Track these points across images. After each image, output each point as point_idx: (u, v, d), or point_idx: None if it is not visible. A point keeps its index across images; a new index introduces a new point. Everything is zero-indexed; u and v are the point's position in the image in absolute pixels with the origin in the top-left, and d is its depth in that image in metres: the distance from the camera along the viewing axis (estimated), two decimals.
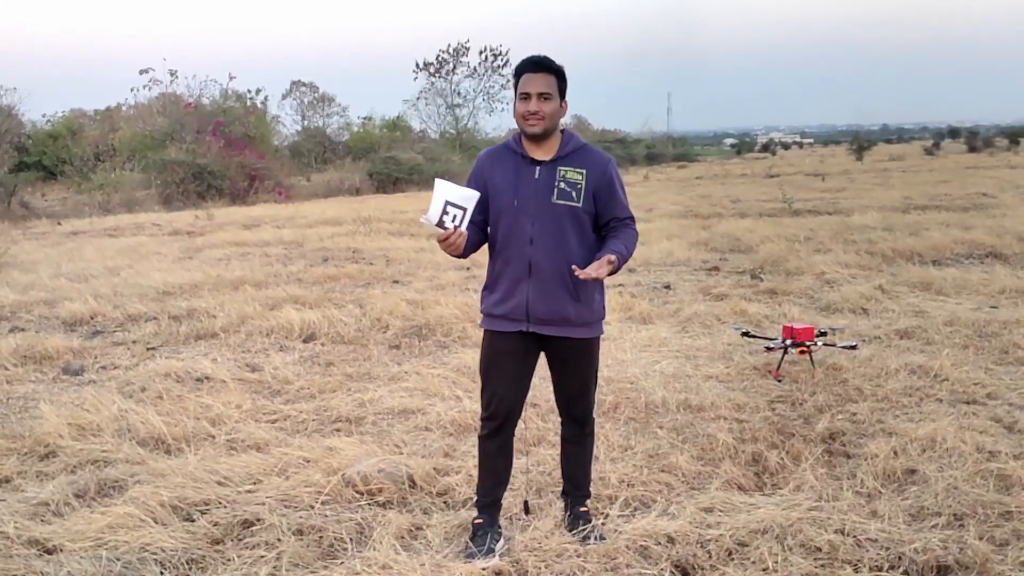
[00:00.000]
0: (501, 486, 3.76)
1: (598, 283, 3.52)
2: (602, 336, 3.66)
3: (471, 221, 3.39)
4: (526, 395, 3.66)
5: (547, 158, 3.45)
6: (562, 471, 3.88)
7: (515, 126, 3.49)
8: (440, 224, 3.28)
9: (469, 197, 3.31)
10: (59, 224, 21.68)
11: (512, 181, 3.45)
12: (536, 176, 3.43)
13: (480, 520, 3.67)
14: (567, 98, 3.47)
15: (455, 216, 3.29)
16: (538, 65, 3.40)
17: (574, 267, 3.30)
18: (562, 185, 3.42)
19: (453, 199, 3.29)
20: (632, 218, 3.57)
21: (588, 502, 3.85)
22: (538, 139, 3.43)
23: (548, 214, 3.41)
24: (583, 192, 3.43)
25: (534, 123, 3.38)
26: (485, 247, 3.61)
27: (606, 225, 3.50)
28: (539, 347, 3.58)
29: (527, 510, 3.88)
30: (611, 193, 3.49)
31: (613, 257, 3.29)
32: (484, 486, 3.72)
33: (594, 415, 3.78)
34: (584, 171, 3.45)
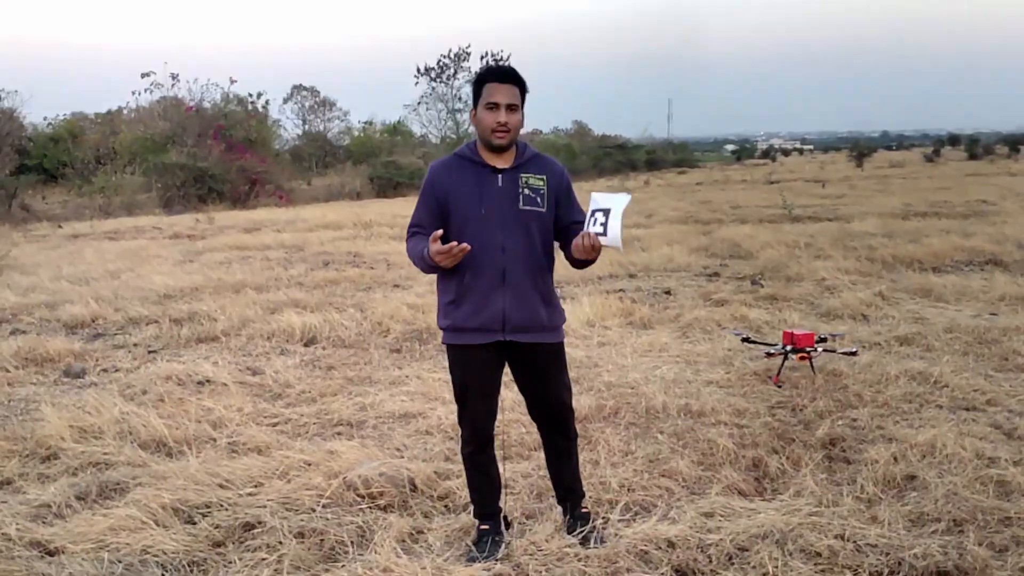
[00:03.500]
0: (498, 493, 3.76)
1: (554, 288, 3.59)
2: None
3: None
4: (498, 405, 3.66)
5: (507, 166, 3.45)
6: (553, 481, 3.85)
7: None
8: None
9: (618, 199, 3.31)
10: (60, 227, 21.72)
11: (475, 190, 3.43)
12: (499, 184, 3.43)
13: (486, 527, 3.68)
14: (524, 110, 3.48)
15: (596, 221, 3.29)
16: (505, 76, 3.39)
17: (590, 234, 3.27)
18: (526, 191, 3.43)
19: (602, 206, 3.30)
20: None
21: (586, 501, 3.85)
22: (500, 149, 3.43)
23: (516, 221, 3.42)
24: (546, 198, 3.46)
25: (502, 135, 3.37)
26: None
27: (567, 228, 3.51)
28: (506, 357, 3.57)
29: (507, 525, 3.84)
30: (569, 198, 3.55)
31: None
32: (482, 497, 3.72)
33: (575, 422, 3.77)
34: (545, 177, 3.47)
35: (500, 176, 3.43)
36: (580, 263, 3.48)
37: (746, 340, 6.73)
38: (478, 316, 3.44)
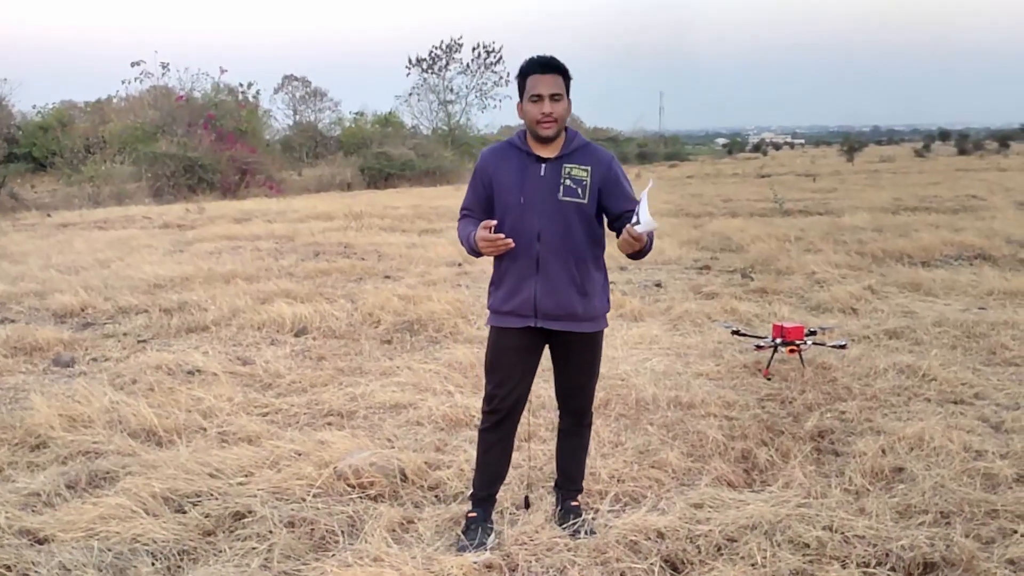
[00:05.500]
0: (498, 481, 3.78)
1: (602, 278, 3.59)
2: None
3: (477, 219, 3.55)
4: (529, 391, 3.69)
5: (552, 156, 3.48)
6: (556, 463, 3.91)
7: (509, 123, 3.53)
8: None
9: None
10: (49, 216, 21.62)
11: (517, 178, 3.47)
12: (542, 173, 3.46)
13: (474, 514, 3.69)
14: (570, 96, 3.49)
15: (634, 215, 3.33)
16: (546, 66, 3.40)
17: (627, 228, 3.27)
18: (568, 182, 3.45)
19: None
20: None
21: (580, 497, 3.88)
22: (548, 140, 3.45)
23: (554, 211, 3.44)
24: (588, 189, 3.46)
25: (548, 125, 3.39)
26: None
27: (619, 218, 3.51)
28: (544, 342, 3.61)
29: (527, 504, 3.90)
30: (618, 188, 3.53)
31: (646, 240, 3.33)
32: (481, 480, 3.74)
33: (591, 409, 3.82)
34: (589, 168, 3.48)
35: (543, 166, 3.46)
36: (633, 255, 3.47)
37: (736, 333, 6.75)
38: (511, 301, 3.50)
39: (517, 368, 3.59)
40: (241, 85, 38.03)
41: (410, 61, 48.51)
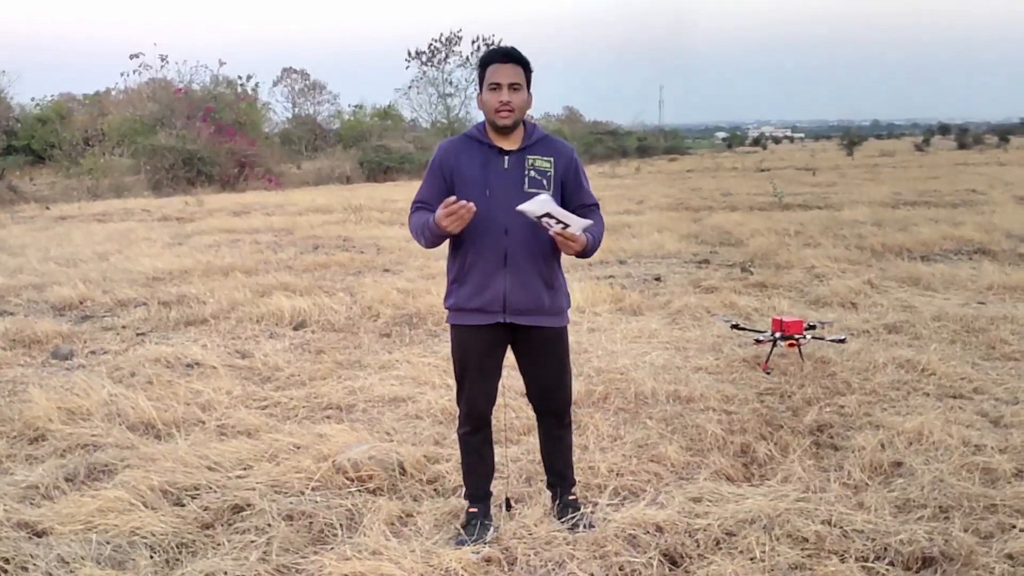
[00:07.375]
0: (490, 476, 3.77)
1: (562, 273, 3.57)
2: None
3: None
4: (498, 387, 3.67)
5: (514, 147, 3.45)
6: (545, 466, 3.87)
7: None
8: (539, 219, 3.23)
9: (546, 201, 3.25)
10: (47, 208, 21.62)
11: (481, 171, 3.42)
12: (505, 166, 3.42)
13: (475, 509, 3.68)
14: (531, 90, 3.46)
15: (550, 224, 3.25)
16: (507, 56, 3.39)
17: (554, 232, 3.24)
18: (532, 174, 3.43)
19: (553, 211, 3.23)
20: (598, 205, 3.59)
21: (575, 489, 3.86)
22: (506, 130, 3.42)
23: (521, 204, 3.41)
24: (553, 180, 3.45)
25: (506, 115, 3.37)
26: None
27: (574, 212, 3.47)
28: (509, 340, 3.57)
29: (508, 507, 3.87)
30: (577, 180, 3.52)
31: (585, 237, 3.32)
32: (474, 479, 3.72)
33: (571, 406, 3.78)
34: (552, 159, 3.46)
35: (506, 158, 3.43)
36: (579, 254, 3.44)
37: (735, 327, 6.75)
38: (479, 297, 3.44)
39: (487, 367, 3.56)
40: (240, 78, 38.14)
41: (409, 54, 48.39)
